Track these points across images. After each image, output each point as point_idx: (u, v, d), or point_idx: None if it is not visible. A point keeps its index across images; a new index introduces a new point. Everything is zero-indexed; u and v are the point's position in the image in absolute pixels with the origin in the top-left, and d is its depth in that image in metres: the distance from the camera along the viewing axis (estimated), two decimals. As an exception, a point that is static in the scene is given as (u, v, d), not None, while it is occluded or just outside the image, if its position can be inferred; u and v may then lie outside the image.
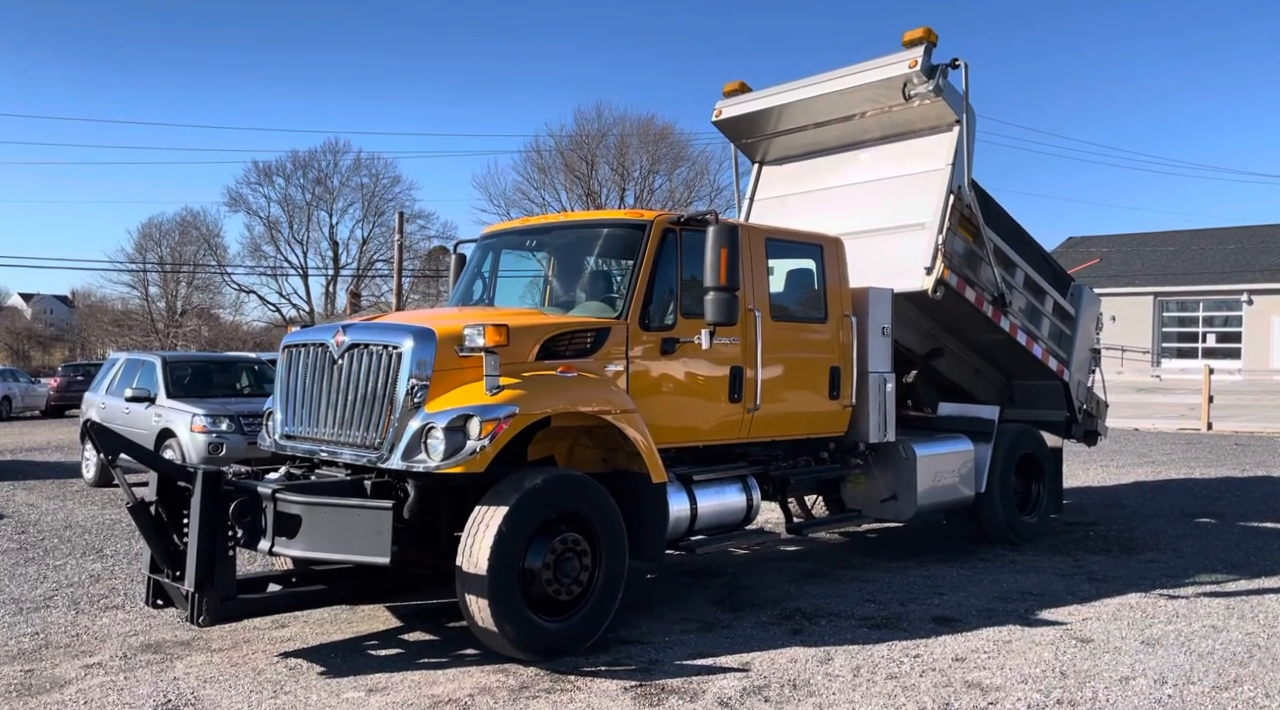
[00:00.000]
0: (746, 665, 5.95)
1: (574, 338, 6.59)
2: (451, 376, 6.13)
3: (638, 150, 52.94)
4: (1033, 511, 9.98)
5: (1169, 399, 28.86)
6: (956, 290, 8.98)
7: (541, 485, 5.99)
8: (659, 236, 7.00)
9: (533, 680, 5.68)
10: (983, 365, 10.56)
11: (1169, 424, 23.48)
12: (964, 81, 8.95)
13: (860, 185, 9.73)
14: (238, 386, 14.23)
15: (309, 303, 61.38)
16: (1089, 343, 10.96)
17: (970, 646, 6.32)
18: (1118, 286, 38.17)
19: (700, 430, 7.27)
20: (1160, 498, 12.74)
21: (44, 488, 13.81)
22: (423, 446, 5.92)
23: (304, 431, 6.64)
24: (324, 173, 61.40)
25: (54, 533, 10.31)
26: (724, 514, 7.33)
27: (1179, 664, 5.95)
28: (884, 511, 8.92)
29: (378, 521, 5.61)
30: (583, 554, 6.16)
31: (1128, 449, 18.47)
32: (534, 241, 8.08)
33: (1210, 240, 41.73)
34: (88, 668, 5.93)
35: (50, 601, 7.51)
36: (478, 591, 5.75)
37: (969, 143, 9.12)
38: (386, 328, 6.44)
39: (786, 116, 10.04)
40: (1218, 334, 38.67)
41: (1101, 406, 11.34)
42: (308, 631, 6.71)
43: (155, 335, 59.83)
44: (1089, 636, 6.51)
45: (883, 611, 7.16)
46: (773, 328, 7.56)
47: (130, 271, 61.74)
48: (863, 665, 5.94)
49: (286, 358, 6.86)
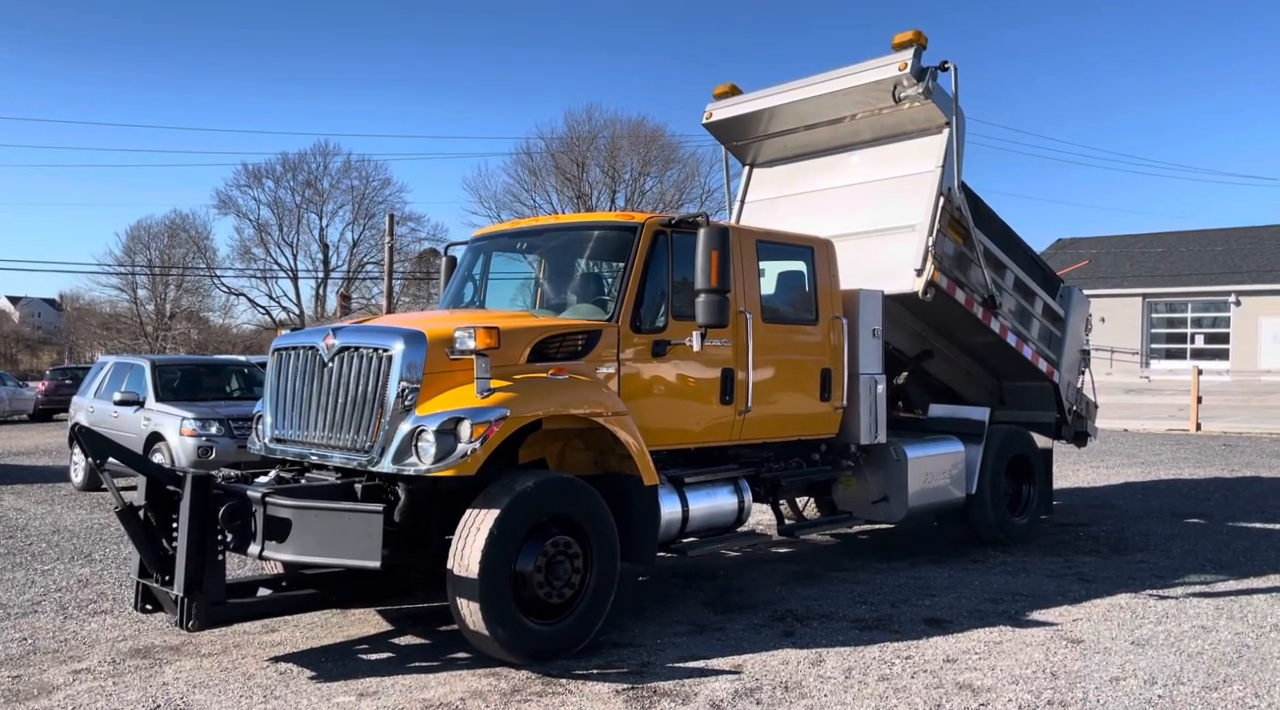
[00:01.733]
0: (738, 667, 5.95)
1: (565, 340, 6.58)
2: (442, 379, 6.11)
3: (629, 152, 53.03)
4: (1023, 512, 10.00)
5: (1158, 400, 29.00)
6: (947, 292, 9.00)
7: (533, 488, 5.98)
8: (650, 239, 7.00)
9: (524, 684, 5.67)
10: (973, 367, 10.59)
11: (1158, 425, 23.58)
12: (953, 84, 8.99)
13: (851, 187, 9.75)
14: (227, 390, 14.16)
15: (299, 306, 61.24)
16: (1078, 344, 10.99)
17: (961, 648, 6.33)
18: (1107, 288, 38.31)
19: (692, 432, 7.27)
20: (1149, 498, 12.79)
21: (32, 492, 13.73)
22: (413, 449, 5.91)
23: (294, 435, 6.61)
24: (314, 175, 61.34)
25: (42, 537, 10.25)
26: (715, 516, 7.33)
27: (1169, 664, 5.97)
28: (875, 513, 8.92)
29: (368, 525, 5.60)
30: (574, 557, 6.15)
31: (1117, 450, 18.53)
32: (524, 244, 8.08)
33: (1198, 242, 41.94)
34: (76, 673, 5.90)
35: (38, 606, 7.46)
36: (469, 595, 5.73)
37: (959, 145, 9.14)
38: (377, 330, 6.43)
39: (777, 119, 10.05)
40: (1206, 335, 38.83)
41: (1091, 408, 11.38)
42: (298, 636, 6.69)
43: (144, 338, 59.57)
44: (1079, 637, 6.53)
45: (874, 613, 7.17)
46: (764, 330, 7.56)
47: (119, 274, 61.56)
48: (854, 667, 5.95)
49: (276, 361, 6.83)
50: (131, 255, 62.15)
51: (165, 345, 57.79)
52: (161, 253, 62.62)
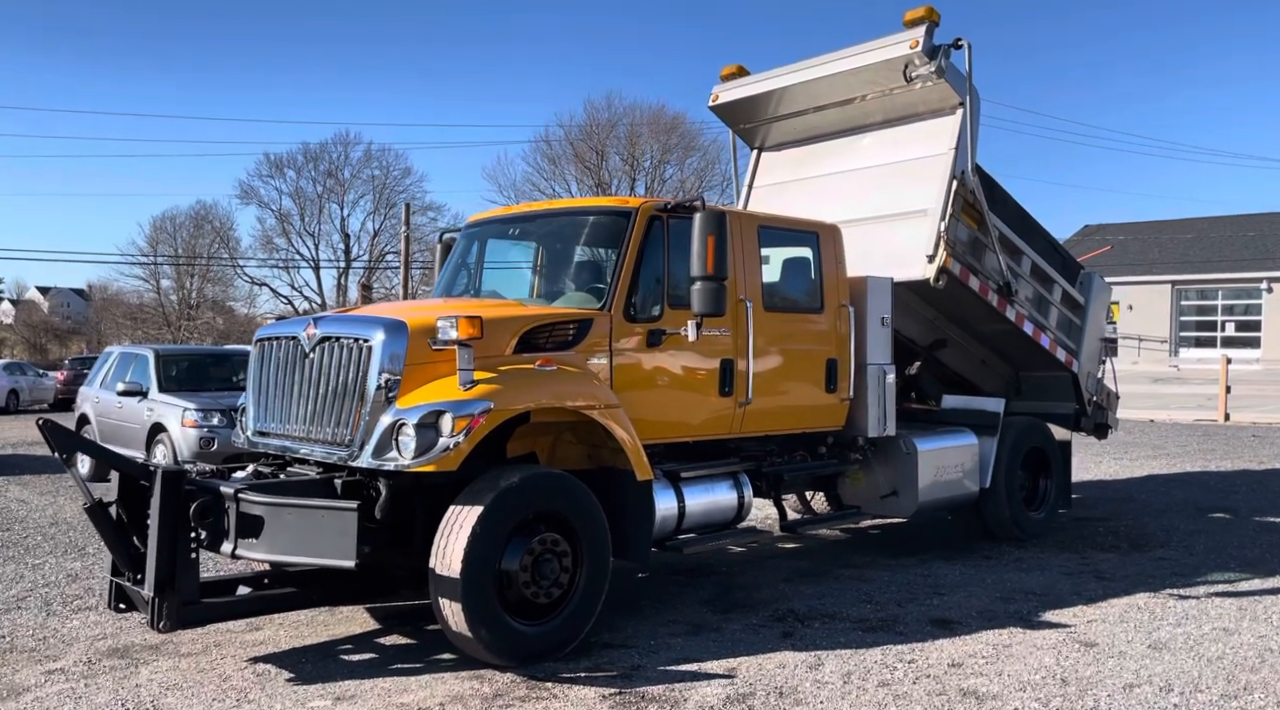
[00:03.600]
0: (732, 671, 5.69)
1: (554, 330, 6.33)
2: (425, 370, 5.88)
3: (648, 140, 52.65)
4: (1040, 507, 9.67)
5: (1186, 389, 28.38)
6: (960, 279, 8.68)
7: (518, 484, 5.74)
8: (645, 224, 6.73)
9: (508, 688, 5.44)
10: (989, 356, 10.25)
11: (1185, 415, 23.05)
12: (967, 62, 8.64)
13: (861, 171, 9.42)
14: (233, 380, 14.01)
15: (321, 295, 61.31)
16: (1099, 332, 10.63)
17: (968, 651, 6.04)
18: (1135, 275, 37.64)
19: (689, 425, 7.00)
20: (1174, 492, 12.40)
21: (38, 483, 13.66)
22: (394, 444, 5.68)
23: (275, 428, 6.41)
24: (335, 165, 61.36)
25: (39, 530, 10.15)
26: (714, 512, 7.06)
27: (1187, 670, 5.66)
28: (884, 508, 8.63)
29: (342, 523, 5.37)
30: (562, 555, 5.91)
31: (1142, 441, 18.08)
32: (518, 230, 7.82)
33: (1229, 227, 41.10)
34: (49, 674, 5.72)
35: (23, 602, 7.31)
36: (451, 595, 5.51)
37: (973, 126, 8.80)
38: (358, 320, 6.20)
39: (785, 101, 9.73)
40: (1237, 323, 38.12)
41: (1112, 398, 11.01)
42: (281, 635, 6.49)
43: (168, 328, 59.90)
44: (1093, 640, 6.23)
45: (879, 613, 6.89)
46: (765, 318, 7.28)
47: (141, 265, 61.92)
48: (854, 671, 5.68)
49: (259, 351, 6.63)
50: (154, 246, 62.53)
51: (189, 335, 58.04)
52: (186, 243, 62.94)
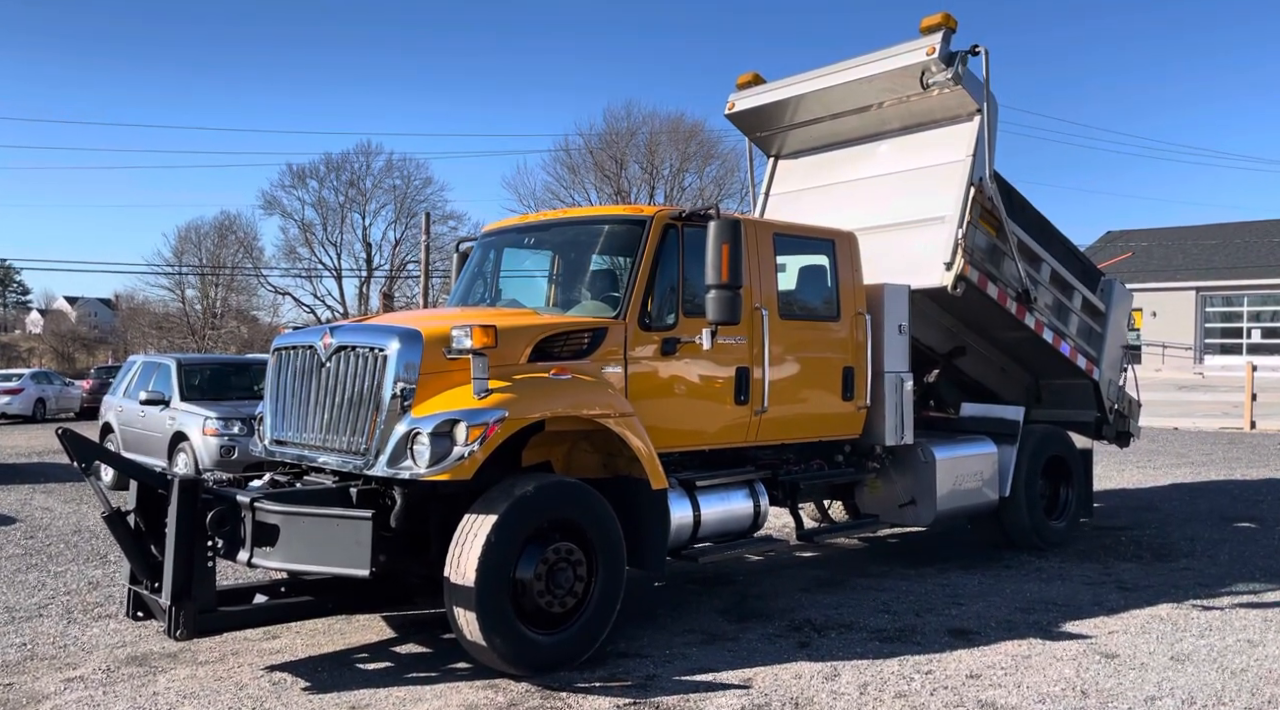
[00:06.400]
0: (748, 681, 5.66)
1: (569, 338, 6.33)
2: (440, 379, 5.89)
3: (668, 148, 52.60)
4: (1060, 516, 9.58)
5: (1211, 397, 28.07)
6: (978, 286, 8.62)
7: (533, 493, 5.74)
8: (659, 232, 6.73)
9: (522, 697, 5.43)
10: (1008, 364, 10.17)
11: (1210, 423, 22.80)
12: (984, 69, 8.60)
13: (878, 178, 9.39)
14: (254, 389, 14.08)
15: (343, 304, 61.72)
16: (1120, 339, 10.52)
17: (986, 662, 5.98)
18: (1159, 281, 37.27)
19: (705, 433, 6.98)
20: (1198, 500, 12.25)
21: (63, 491, 13.79)
22: (408, 453, 5.69)
23: (292, 437, 6.44)
24: (357, 175, 61.78)
25: (61, 538, 10.23)
26: (729, 521, 7.04)
27: (1209, 682, 5.58)
28: (902, 517, 8.57)
29: (356, 532, 5.39)
30: (577, 564, 5.90)
31: (1166, 449, 17.88)
32: (533, 239, 7.84)
33: (1255, 233, 40.64)
34: (68, 681, 5.76)
35: (44, 610, 7.37)
36: (466, 604, 5.51)
37: (991, 133, 8.75)
38: (373, 329, 6.23)
39: (802, 108, 9.71)
40: (1263, 329, 37.65)
41: (1134, 406, 10.89)
42: (298, 643, 6.51)
43: (193, 337, 60.41)
44: (1114, 651, 6.15)
45: (896, 623, 6.84)
46: (781, 326, 7.26)
47: (168, 275, 62.49)
48: (870, 682, 5.63)
49: (276, 360, 6.67)
50: (179, 256, 63.15)
51: (213, 344, 58.52)
52: (210, 253, 63.51)
